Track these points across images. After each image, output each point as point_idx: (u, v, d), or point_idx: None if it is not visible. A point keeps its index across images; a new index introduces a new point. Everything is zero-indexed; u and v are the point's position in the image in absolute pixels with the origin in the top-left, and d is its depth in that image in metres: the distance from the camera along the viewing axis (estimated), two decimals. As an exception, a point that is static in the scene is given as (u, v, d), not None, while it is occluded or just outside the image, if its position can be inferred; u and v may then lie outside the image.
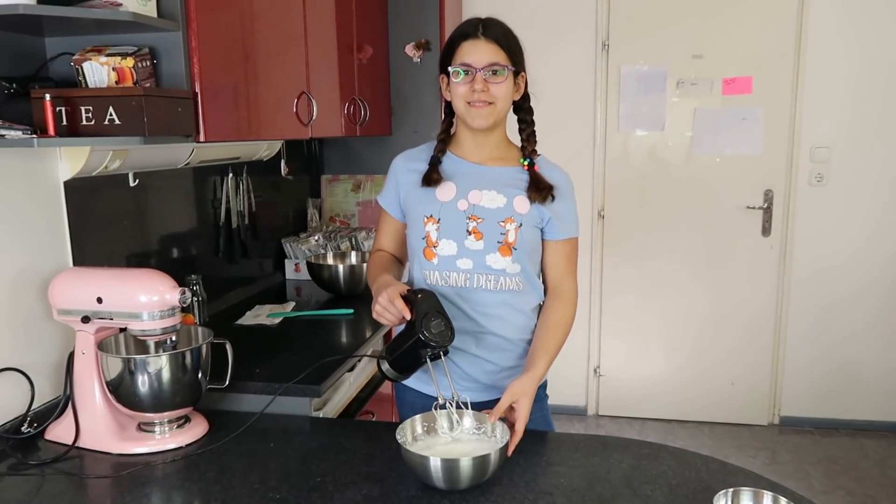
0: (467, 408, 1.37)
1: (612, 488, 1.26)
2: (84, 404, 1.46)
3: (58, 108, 1.39)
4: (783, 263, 3.61)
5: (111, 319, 1.43)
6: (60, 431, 1.46)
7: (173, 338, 1.49)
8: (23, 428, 1.47)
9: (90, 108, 1.41)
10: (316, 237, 2.80)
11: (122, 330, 1.50)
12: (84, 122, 1.42)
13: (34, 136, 1.34)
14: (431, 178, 1.54)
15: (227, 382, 1.54)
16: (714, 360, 3.75)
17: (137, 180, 1.87)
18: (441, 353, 1.37)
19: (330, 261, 2.69)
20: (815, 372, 3.67)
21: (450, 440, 1.37)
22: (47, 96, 1.35)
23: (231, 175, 2.40)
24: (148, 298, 1.42)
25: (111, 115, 1.39)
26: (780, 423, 3.74)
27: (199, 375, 1.49)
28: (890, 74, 3.39)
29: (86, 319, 1.42)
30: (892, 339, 3.59)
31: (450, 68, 1.49)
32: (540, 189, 1.52)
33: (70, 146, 1.54)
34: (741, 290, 3.67)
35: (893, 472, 3.26)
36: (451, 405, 1.36)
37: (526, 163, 1.55)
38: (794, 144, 3.50)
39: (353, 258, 2.73)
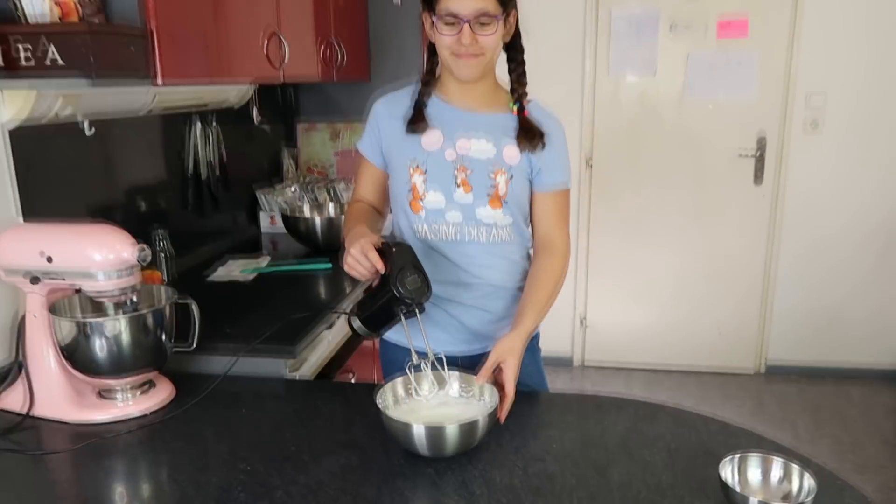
0: (443, 365, 1.28)
1: (607, 453, 1.18)
2: (37, 370, 1.35)
3: (-9, 46, 1.24)
4: (774, 211, 3.53)
5: (63, 280, 1.31)
6: (12, 400, 1.35)
7: (133, 298, 1.38)
8: (-28, 396, 1.37)
9: (28, 46, 1.26)
10: (292, 188, 2.67)
11: (79, 290, 1.38)
12: (23, 63, 1.27)
13: (-36, 76, 1.20)
14: (416, 124, 1.42)
15: (194, 345, 1.43)
16: (702, 309, 3.70)
17: (93, 129, 1.72)
18: (416, 309, 1.28)
19: (306, 213, 2.56)
20: (803, 320, 3.64)
21: (435, 403, 1.28)
22: (-22, 32, 1.20)
23: (198, 123, 2.25)
24: (102, 256, 1.29)
25: (52, 53, 1.24)
26: (766, 371, 3.72)
27: (163, 337, 1.38)
28: (889, 19, 3.26)
29: (34, 280, 1.30)
30: (879, 287, 3.55)
31: (434, 18, 1.35)
32: (530, 136, 1.41)
33: (5, 89, 1.39)
34: (731, 239, 3.60)
35: (879, 419, 3.26)
36: (427, 365, 1.27)
37: (515, 107, 1.43)
38: (789, 90, 3.38)
39: (331, 210, 2.61)
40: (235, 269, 2.12)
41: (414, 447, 1.14)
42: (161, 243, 1.93)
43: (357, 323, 1.35)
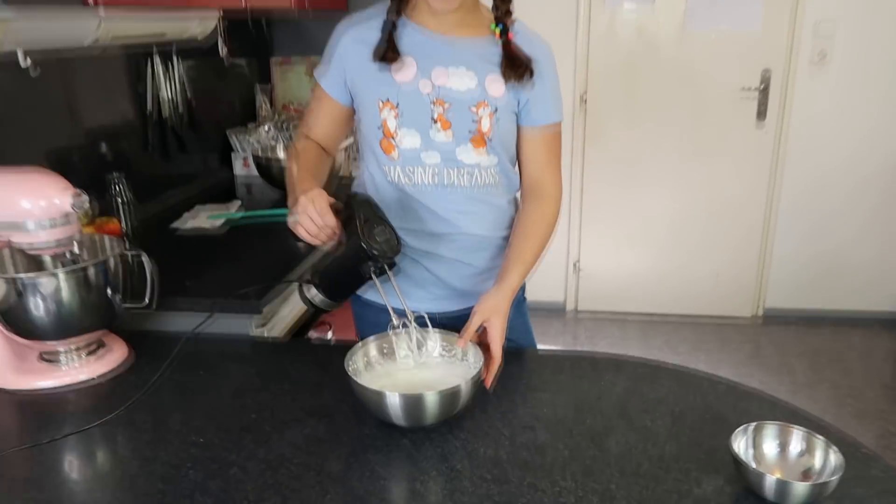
0: (426, 325, 1.15)
1: (604, 419, 1.06)
2: (-29, 333, 1.21)
3: None
4: (777, 150, 3.37)
5: (-11, 231, 1.16)
6: (-57, 366, 1.22)
7: (74, 250, 1.23)
8: None
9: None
10: (266, 128, 2.49)
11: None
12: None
13: None
14: (386, 53, 1.24)
15: (149, 302, 1.29)
16: (699, 253, 3.58)
17: (29, 60, 1.54)
18: (387, 267, 1.14)
19: (280, 154, 2.39)
20: (803, 264, 3.52)
21: (414, 366, 1.15)
22: None
23: (159, 59, 2.06)
24: (32, 204, 1.14)
25: (-45, -36, 1.06)
26: (763, 316, 3.62)
27: (110, 294, 1.23)
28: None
29: (-45, 231, 1.15)
30: (882, 230, 3.42)
31: None
32: (516, 65, 1.24)
33: None
34: (731, 180, 3.45)
35: (879, 363, 3.19)
36: (409, 324, 1.14)
37: (499, 30, 1.26)
38: (796, 18, 3.17)
39: (309, 152, 2.43)
40: (203, 218, 1.97)
41: (388, 417, 1.02)
42: (119, 189, 1.78)
43: (313, 292, 1.19)
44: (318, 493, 0.91)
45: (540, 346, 1.47)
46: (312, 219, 1.12)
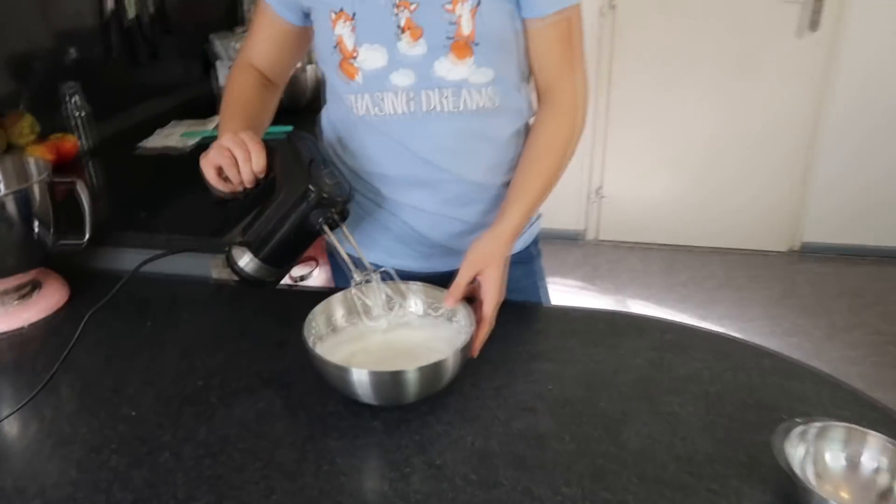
0: (396, 278, 0.95)
1: (622, 400, 0.86)
2: None
3: None
4: (830, 66, 3.02)
5: None
6: None
7: (-7, 177, 1.03)
8: None
9: None
10: (255, 34, 2.22)
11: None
12: None
13: None
14: None
15: (87, 238, 1.10)
16: (734, 180, 3.30)
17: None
18: (338, 217, 0.92)
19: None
20: (847, 192, 3.20)
21: (392, 325, 0.95)
22: None
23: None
24: (-71, 120, 0.93)
25: None
26: (800, 250, 3.36)
27: (37, 228, 1.04)
28: None
29: None
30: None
31: None
32: None
33: None
34: (774, 99, 3.11)
35: (924, 307, 2.94)
36: (376, 283, 0.93)
37: None
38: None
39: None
40: (176, 136, 1.75)
41: (356, 396, 0.83)
42: (73, 101, 1.55)
43: (245, 259, 0.93)
44: (262, 490, 0.74)
45: (557, 279, 1.26)
46: (238, 157, 0.90)
